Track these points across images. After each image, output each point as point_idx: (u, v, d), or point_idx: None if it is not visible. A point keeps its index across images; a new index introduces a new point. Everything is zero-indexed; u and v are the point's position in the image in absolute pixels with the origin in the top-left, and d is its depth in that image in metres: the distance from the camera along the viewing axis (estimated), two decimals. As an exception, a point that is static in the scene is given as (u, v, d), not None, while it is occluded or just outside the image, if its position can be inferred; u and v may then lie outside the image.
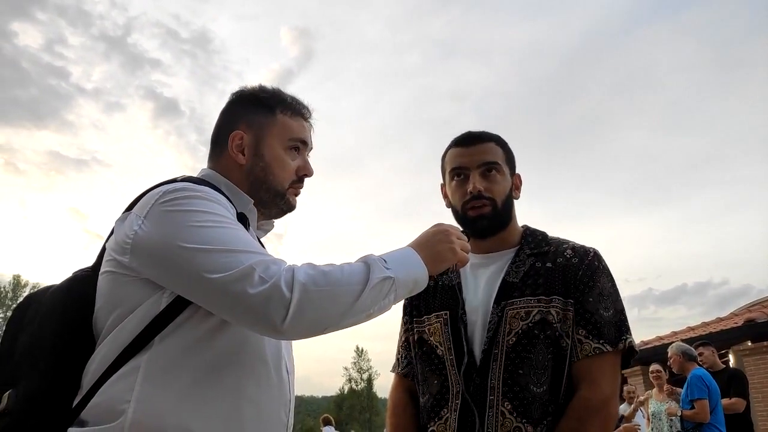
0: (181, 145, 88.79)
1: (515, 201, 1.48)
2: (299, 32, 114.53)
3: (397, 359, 1.57)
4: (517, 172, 1.50)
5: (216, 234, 0.95)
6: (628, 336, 1.32)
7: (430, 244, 1.12)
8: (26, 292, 40.65)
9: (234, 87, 1.25)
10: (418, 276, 1.07)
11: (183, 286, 0.95)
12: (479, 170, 1.40)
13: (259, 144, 1.17)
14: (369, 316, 1.00)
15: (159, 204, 0.99)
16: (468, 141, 1.45)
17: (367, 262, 1.01)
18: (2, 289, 39.31)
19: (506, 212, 1.43)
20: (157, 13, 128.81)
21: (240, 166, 1.16)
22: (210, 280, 0.91)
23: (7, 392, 0.97)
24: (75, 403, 0.98)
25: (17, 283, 40.00)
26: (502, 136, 1.50)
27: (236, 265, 0.91)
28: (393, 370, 1.58)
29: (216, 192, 1.05)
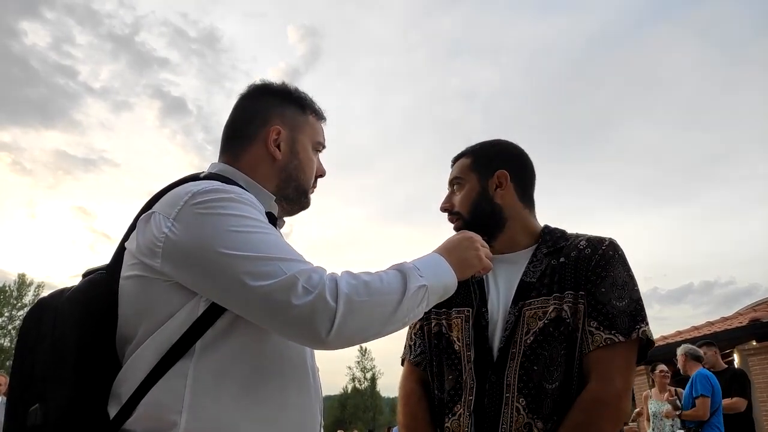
0: (189, 144, 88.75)
1: (511, 198, 1.43)
2: (306, 31, 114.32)
3: (409, 346, 1.53)
4: (503, 169, 1.43)
5: (255, 240, 0.92)
6: (642, 326, 1.26)
7: (458, 251, 1.13)
8: (31, 291, 40.85)
9: (242, 86, 1.22)
10: (448, 283, 1.07)
11: (220, 293, 0.92)
12: (450, 188, 1.50)
13: (295, 142, 1.17)
14: (404, 324, 0.99)
15: (191, 206, 0.94)
16: (452, 161, 1.53)
17: (402, 270, 1.00)
18: (7, 288, 39.31)
19: (483, 217, 1.40)
20: (165, 11, 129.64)
21: (273, 161, 1.14)
22: (252, 288, 0.88)
23: (33, 408, 0.91)
24: (114, 413, 0.93)
25: (22, 282, 39.95)
26: (503, 137, 1.52)
27: (279, 274, 0.89)
28: (403, 357, 1.55)
29: (246, 192, 1.02)
